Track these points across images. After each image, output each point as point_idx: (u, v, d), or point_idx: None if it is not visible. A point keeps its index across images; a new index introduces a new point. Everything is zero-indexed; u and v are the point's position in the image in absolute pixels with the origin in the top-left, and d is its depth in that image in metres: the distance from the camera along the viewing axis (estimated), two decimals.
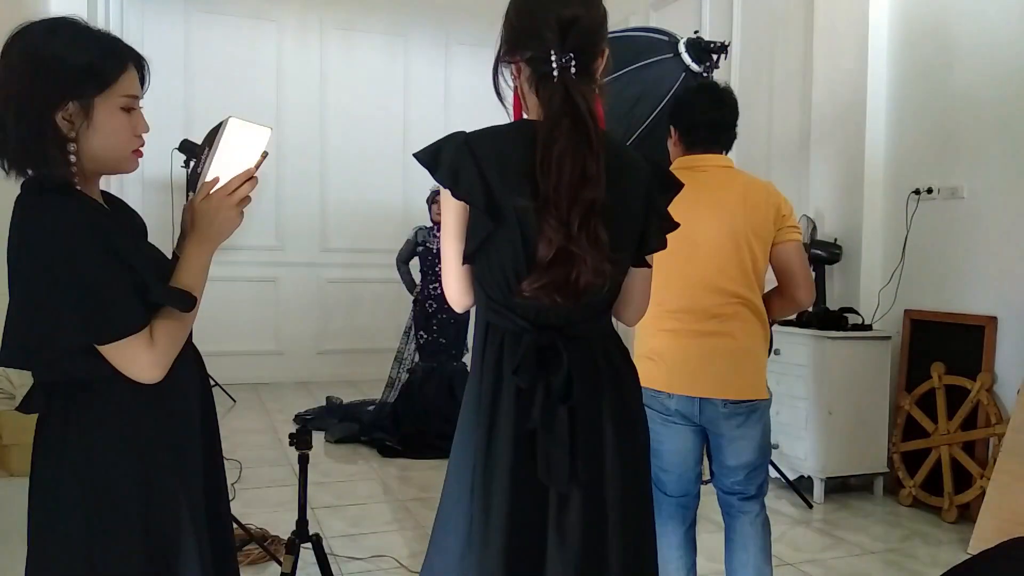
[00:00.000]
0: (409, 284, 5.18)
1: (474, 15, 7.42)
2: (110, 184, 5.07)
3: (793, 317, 4.14)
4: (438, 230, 5.35)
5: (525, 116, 1.44)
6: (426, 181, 8.43)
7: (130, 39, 5.75)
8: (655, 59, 3.76)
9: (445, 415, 4.57)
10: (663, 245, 1.46)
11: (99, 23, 4.38)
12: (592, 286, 1.30)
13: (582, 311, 1.37)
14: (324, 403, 5.70)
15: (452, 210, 1.38)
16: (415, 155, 1.38)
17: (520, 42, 1.38)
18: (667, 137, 2.35)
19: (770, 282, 2.20)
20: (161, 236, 6.43)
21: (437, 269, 4.96)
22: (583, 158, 1.28)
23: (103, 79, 1.29)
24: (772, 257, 2.16)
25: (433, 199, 5.03)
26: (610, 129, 1.56)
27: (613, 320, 1.50)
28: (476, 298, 1.42)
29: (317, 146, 6.98)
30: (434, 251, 5.00)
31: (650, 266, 1.48)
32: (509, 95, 1.46)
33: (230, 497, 3.54)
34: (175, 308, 1.31)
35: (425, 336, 4.96)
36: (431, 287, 4.98)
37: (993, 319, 3.61)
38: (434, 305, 4.94)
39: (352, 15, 7.06)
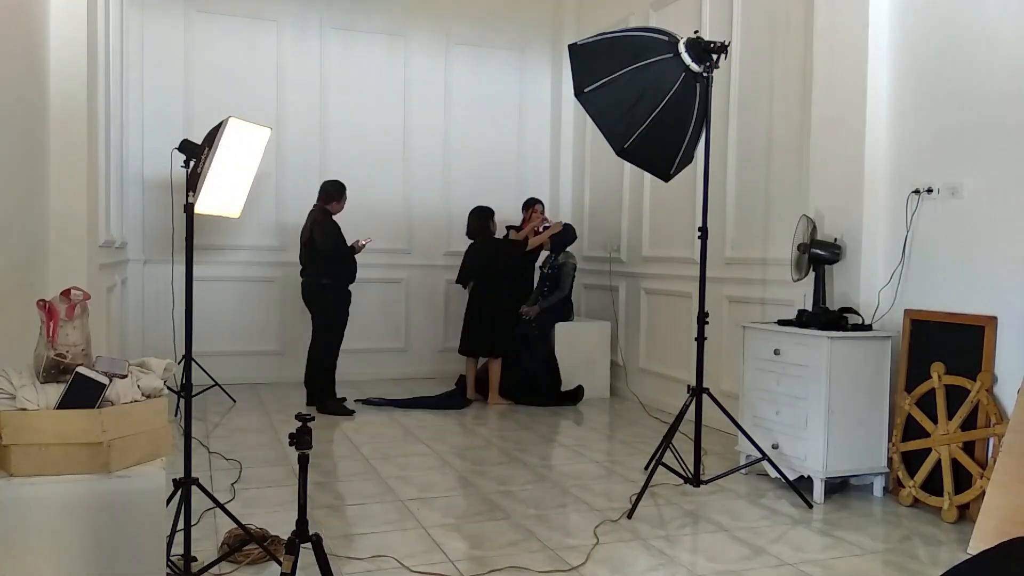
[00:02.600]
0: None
1: (474, 15, 7.43)
2: (110, 183, 5.07)
3: (793, 317, 4.15)
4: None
5: None
6: (426, 180, 8.45)
7: (130, 39, 5.73)
8: (655, 59, 3.76)
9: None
10: None
11: (99, 23, 4.38)
12: None
13: None
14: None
15: None
16: None
17: None
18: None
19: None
20: (161, 236, 6.45)
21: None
22: None
23: None
24: None
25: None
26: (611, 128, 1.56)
27: None
28: None
29: (317, 146, 6.98)
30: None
31: None
32: None
33: (230, 497, 3.54)
34: None
35: None
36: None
37: (993, 319, 3.61)
38: None
39: (352, 15, 7.06)
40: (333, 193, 5.91)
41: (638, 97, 3.75)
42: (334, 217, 5.86)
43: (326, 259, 5.75)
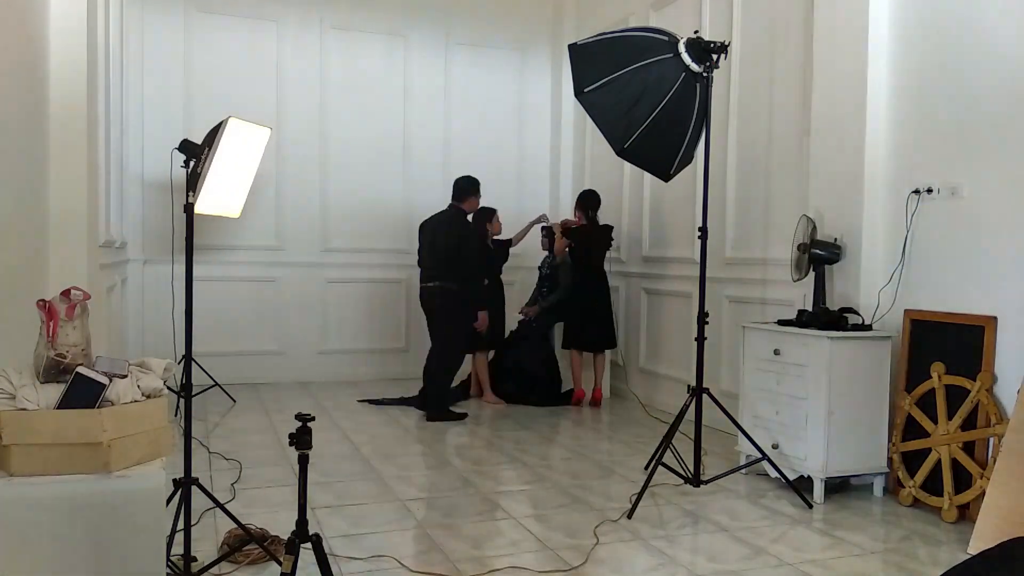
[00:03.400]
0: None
1: (474, 15, 7.43)
2: (110, 183, 5.07)
3: (793, 317, 4.15)
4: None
5: None
6: (426, 180, 8.43)
7: (130, 39, 5.73)
8: (655, 59, 3.76)
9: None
10: None
11: (99, 23, 4.38)
12: None
13: None
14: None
15: None
16: None
17: None
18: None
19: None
20: (161, 235, 6.46)
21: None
22: None
23: None
24: None
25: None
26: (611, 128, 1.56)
27: None
28: None
29: (317, 146, 6.99)
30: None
31: None
32: None
33: (230, 497, 3.55)
34: None
35: None
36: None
37: (993, 319, 3.61)
38: None
39: (352, 15, 7.06)
40: (468, 189, 5.67)
41: (638, 97, 3.75)
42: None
43: (448, 263, 5.42)
